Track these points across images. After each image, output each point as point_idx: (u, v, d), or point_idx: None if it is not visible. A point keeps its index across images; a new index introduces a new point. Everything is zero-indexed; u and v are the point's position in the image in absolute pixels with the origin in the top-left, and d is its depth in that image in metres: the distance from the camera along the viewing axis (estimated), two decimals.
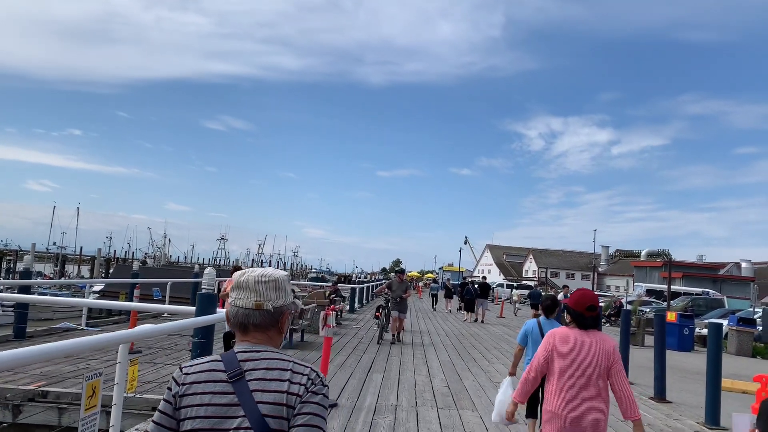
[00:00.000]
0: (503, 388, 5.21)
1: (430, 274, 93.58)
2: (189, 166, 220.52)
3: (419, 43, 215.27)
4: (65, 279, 47.22)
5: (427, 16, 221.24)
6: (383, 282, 25.28)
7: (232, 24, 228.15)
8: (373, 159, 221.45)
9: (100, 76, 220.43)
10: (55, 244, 78.65)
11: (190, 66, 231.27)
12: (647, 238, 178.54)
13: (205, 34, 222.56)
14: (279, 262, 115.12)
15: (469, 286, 25.55)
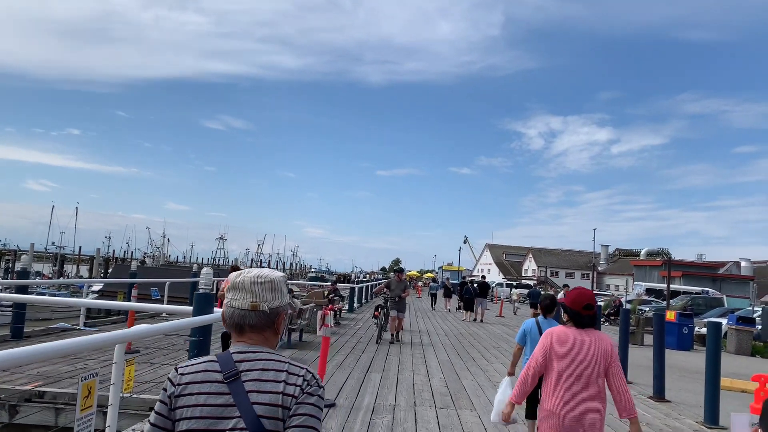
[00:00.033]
0: (502, 388, 5.20)
1: (429, 274, 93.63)
2: (188, 165, 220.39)
3: (418, 42, 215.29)
4: (63, 279, 47.17)
5: (427, 15, 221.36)
6: (382, 281, 25.25)
7: (231, 23, 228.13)
8: (373, 158, 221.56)
9: (99, 76, 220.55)
10: (54, 243, 78.40)
11: (189, 65, 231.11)
12: (647, 237, 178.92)
13: (204, 34, 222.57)
14: (278, 261, 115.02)
15: (468, 285, 25.57)
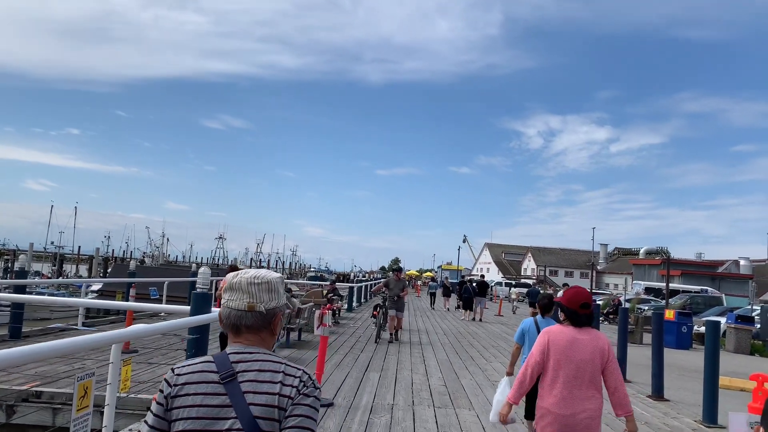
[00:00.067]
0: (501, 388, 5.19)
1: (428, 273, 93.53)
2: (187, 165, 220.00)
3: (417, 41, 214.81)
4: (62, 279, 47.12)
5: (425, 14, 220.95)
6: (381, 281, 25.25)
7: (231, 23, 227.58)
8: (372, 157, 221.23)
9: (99, 75, 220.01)
10: (53, 243, 78.33)
11: (189, 65, 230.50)
12: (646, 236, 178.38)
13: (203, 33, 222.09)
14: (278, 261, 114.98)
15: (467, 284, 25.59)
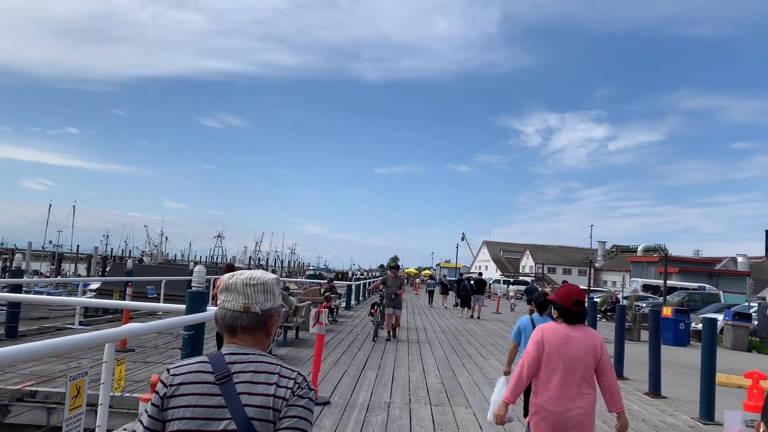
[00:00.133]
0: (498, 387, 5.17)
1: (427, 271, 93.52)
2: (186, 163, 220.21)
3: (416, 39, 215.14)
4: (59, 277, 46.97)
5: (424, 12, 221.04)
6: (378, 279, 25.23)
7: (229, 21, 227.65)
8: (371, 156, 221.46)
9: (97, 74, 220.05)
10: (51, 242, 78.18)
11: (187, 63, 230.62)
12: (644, 233, 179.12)
13: (201, 32, 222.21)
14: (276, 259, 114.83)
15: (465, 282, 25.59)
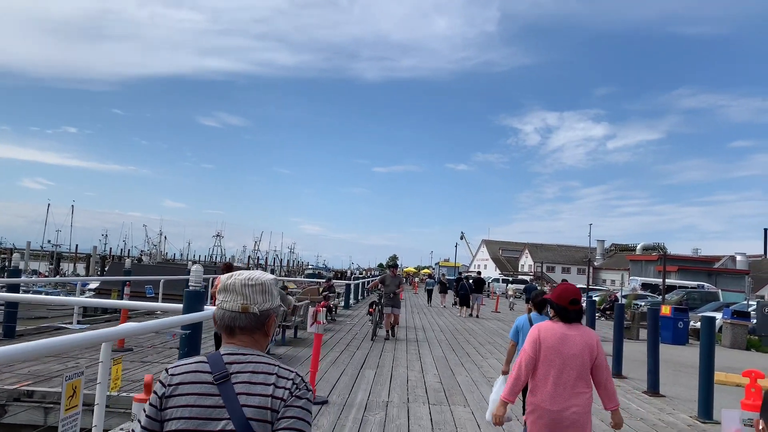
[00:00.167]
0: (497, 387, 5.16)
1: (426, 270, 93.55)
2: (185, 163, 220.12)
3: (415, 38, 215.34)
4: (57, 277, 46.89)
5: (422, 11, 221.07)
6: (377, 277, 25.23)
7: (227, 20, 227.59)
8: (370, 155, 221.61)
9: (95, 74, 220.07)
10: (50, 242, 78.02)
11: (186, 63, 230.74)
12: (643, 232, 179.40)
13: (199, 31, 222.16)
14: (275, 258, 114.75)
15: (463, 281, 25.59)
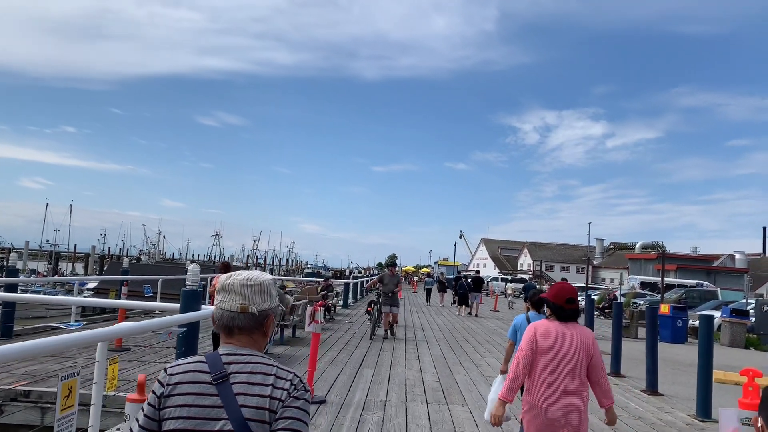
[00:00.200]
0: (495, 386, 5.14)
1: (425, 269, 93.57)
2: (183, 162, 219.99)
3: (413, 37, 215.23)
4: (54, 277, 46.78)
5: (421, 10, 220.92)
6: (376, 276, 25.23)
7: (226, 19, 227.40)
8: (368, 154, 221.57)
9: (94, 73, 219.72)
10: (48, 241, 77.93)
11: (184, 62, 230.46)
12: (642, 230, 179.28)
13: (198, 30, 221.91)
14: (274, 258, 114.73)
15: (462, 280, 25.59)
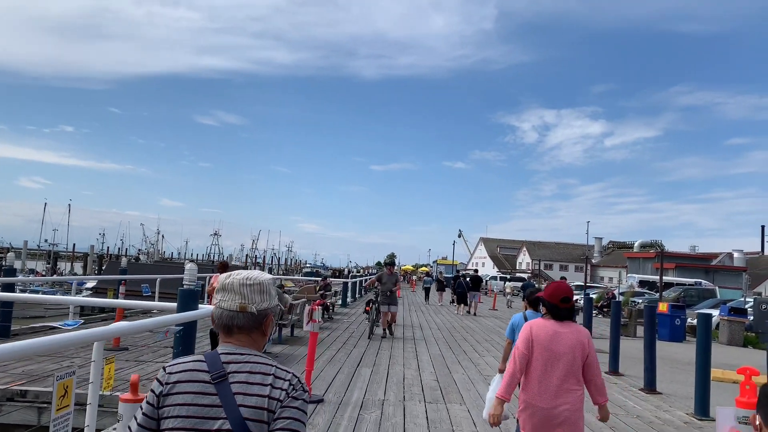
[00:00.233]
0: (493, 385, 5.14)
1: (424, 268, 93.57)
2: (182, 161, 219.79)
3: (412, 36, 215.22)
4: (52, 276, 46.72)
5: (420, 9, 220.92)
6: (374, 276, 25.22)
7: (224, 18, 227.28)
8: (367, 153, 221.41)
9: (92, 72, 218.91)
10: (47, 241, 77.90)
11: (183, 61, 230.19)
12: (640, 229, 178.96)
13: (197, 29, 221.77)
14: (273, 257, 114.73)
15: (461, 279, 25.59)
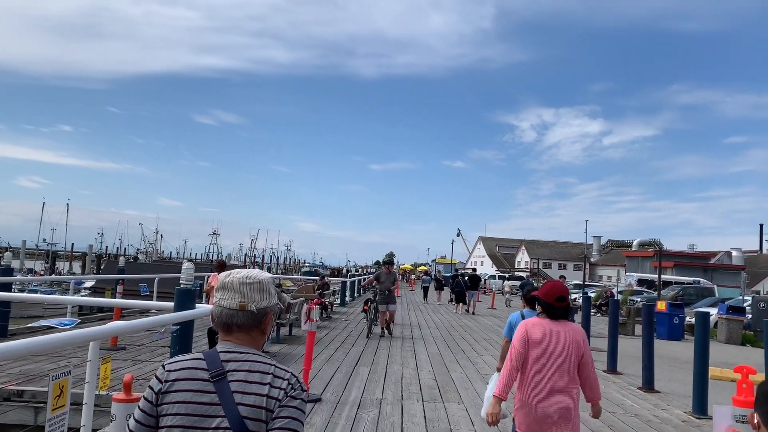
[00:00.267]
0: (492, 384, 5.13)
1: (422, 267, 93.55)
2: (181, 161, 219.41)
3: (411, 35, 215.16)
4: (49, 276, 46.63)
5: (419, 8, 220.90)
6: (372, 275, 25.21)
7: (222, 17, 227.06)
8: (366, 152, 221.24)
9: (90, 72, 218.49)
10: (45, 240, 77.74)
11: (181, 60, 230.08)
12: (639, 228, 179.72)
13: (195, 28, 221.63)
14: (272, 256, 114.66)
15: (459, 278, 25.60)
